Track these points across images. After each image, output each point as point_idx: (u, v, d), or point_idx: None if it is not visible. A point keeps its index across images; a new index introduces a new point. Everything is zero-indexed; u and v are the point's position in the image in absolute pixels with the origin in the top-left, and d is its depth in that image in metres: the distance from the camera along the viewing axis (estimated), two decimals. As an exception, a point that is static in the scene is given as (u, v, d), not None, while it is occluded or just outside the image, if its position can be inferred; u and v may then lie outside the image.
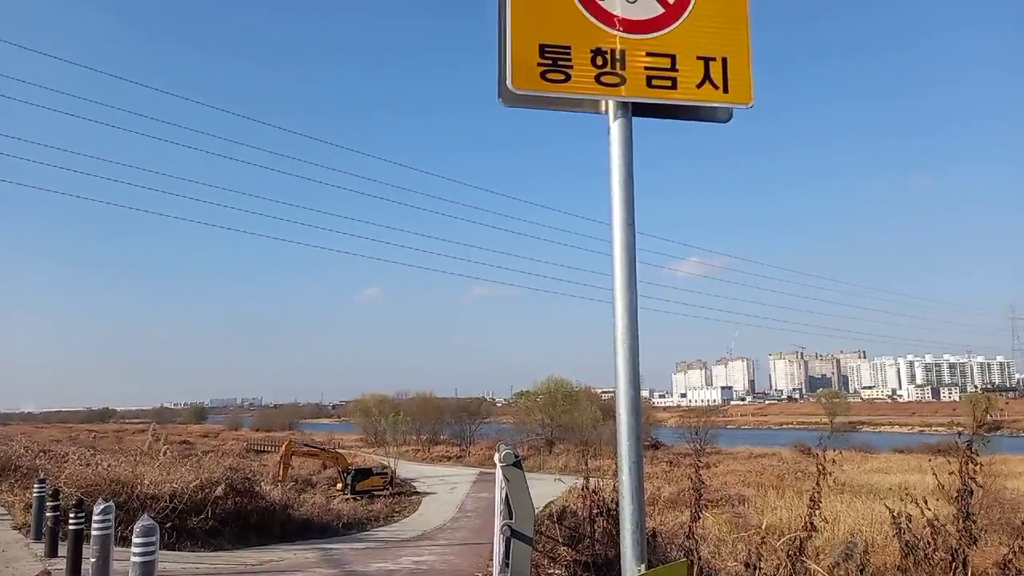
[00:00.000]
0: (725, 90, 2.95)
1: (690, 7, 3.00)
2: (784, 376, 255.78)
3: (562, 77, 2.83)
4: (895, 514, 5.12)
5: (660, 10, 2.97)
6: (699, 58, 2.95)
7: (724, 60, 2.97)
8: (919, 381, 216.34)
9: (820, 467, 5.54)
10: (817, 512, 5.30)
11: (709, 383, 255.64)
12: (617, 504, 2.97)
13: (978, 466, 4.85)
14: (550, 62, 2.83)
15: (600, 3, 2.92)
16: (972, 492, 4.78)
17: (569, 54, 2.85)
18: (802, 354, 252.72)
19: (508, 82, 2.79)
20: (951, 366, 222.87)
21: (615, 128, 2.88)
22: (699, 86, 2.94)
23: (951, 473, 4.83)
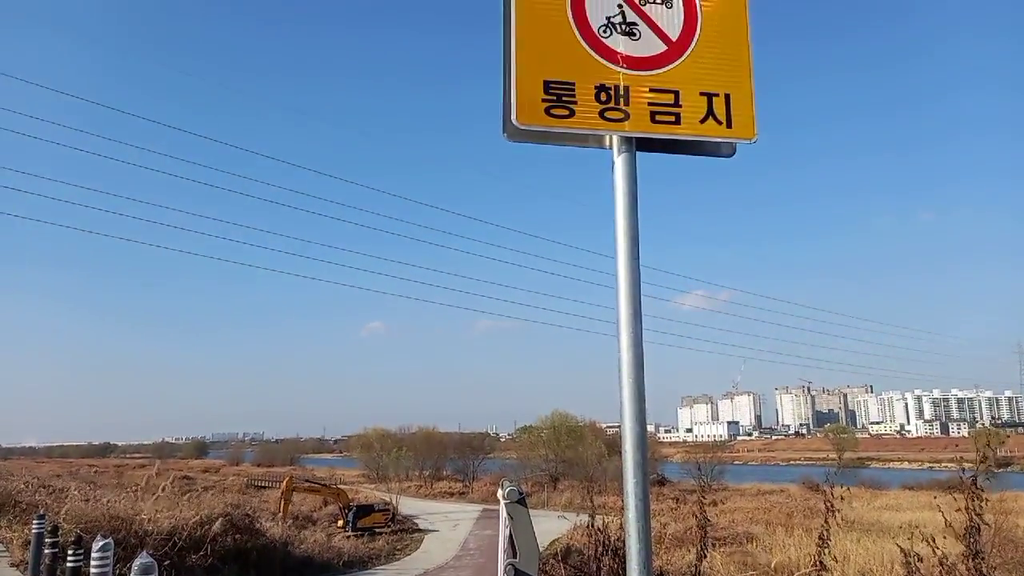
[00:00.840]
0: (728, 125, 2.97)
1: (692, 45, 3.03)
2: (791, 411, 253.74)
3: (566, 113, 2.85)
4: (906, 553, 5.03)
5: (663, 47, 3.00)
6: (702, 94, 2.97)
7: (727, 96, 2.99)
8: (927, 416, 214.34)
9: (829, 504, 5.46)
10: (826, 550, 5.21)
11: (715, 418, 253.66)
12: (623, 543, 2.92)
13: (984, 502, 4.78)
14: (554, 98, 2.85)
15: (604, 41, 2.95)
16: (980, 529, 4.70)
17: (573, 90, 2.87)
18: (809, 388, 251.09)
19: (513, 117, 2.81)
20: (959, 401, 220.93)
21: (619, 163, 2.89)
22: (702, 121, 2.95)
23: (958, 510, 4.75)
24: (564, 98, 2.86)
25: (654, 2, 3.02)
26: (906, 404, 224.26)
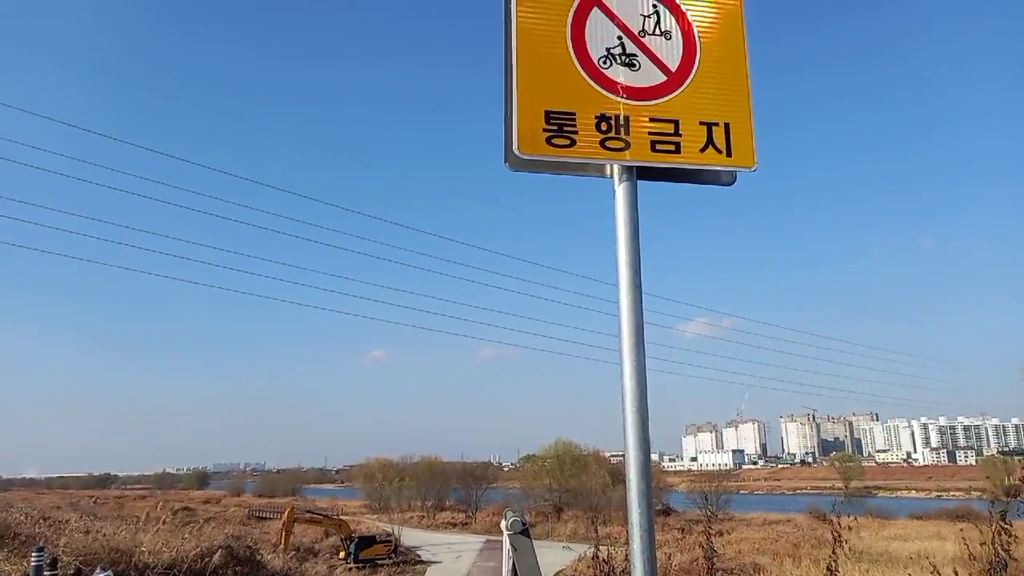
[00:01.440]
0: (728, 154, 2.99)
1: (692, 75, 3.06)
2: (796, 439, 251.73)
3: (567, 142, 2.87)
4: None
5: (663, 78, 3.04)
6: (702, 123, 3.00)
7: (726, 125, 3.02)
8: (934, 444, 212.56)
9: (836, 534, 5.39)
10: (835, 582, 5.12)
11: (720, 446, 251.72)
12: (628, 574, 2.88)
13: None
14: (555, 128, 2.88)
15: (604, 71, 2.99)
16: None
17: (574, 120, 2.90)
18: (814, 416, 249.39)
19: (514, 147, 2.84)
20: (965, 429, 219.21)
21: (620, 191, 2.91)
22: (702, 150, 2.98)
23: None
24: (565, 128, 2.88)
25: (653, 34, 3.07)
26: (912, 432, 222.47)
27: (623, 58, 3.01)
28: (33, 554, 11.43)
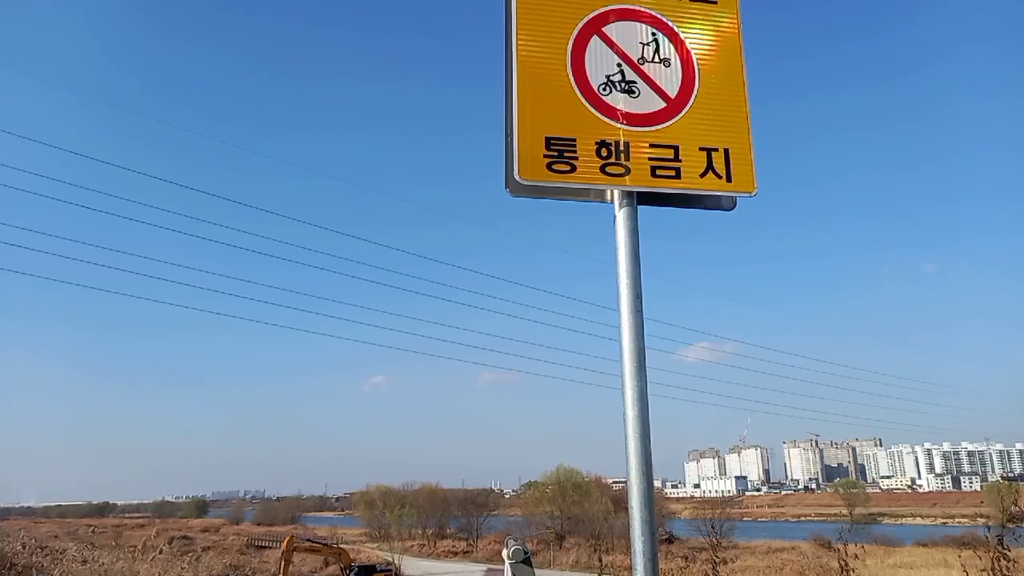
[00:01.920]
0: (728, 179, 3.01)
1: (691, 101, 3.09)
2: (799, 465, 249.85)
3: (568, 168, 2.89)
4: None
5: (662, 104, 3.06)
6: (701, 149, 3.02)
7: (726, 151, 3.04)
8: (938, 470, 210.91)
9: (842, 562, 5.33)
10: (842, 611, 5.05)
11: (723, 472, 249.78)
12: (632, 604, 2.83)
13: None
14: (556, 154, 2.90)
15: (603, 98, 3.01)
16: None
17: (574, 146, 2.92)
18: (817, 442, 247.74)
19: (515, 173, 2.85)
20: (969, 454, 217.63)
21: (621, 216, 2.92)
22: (702, 176, 3.00)
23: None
24: (565, 154, 2.90)
25: (653, 61, 3.10)
26: (916, 457, 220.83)
27: (623, 85, 3.04)
28: (29, 584, 11.31)
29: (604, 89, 3.02)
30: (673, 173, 2.96)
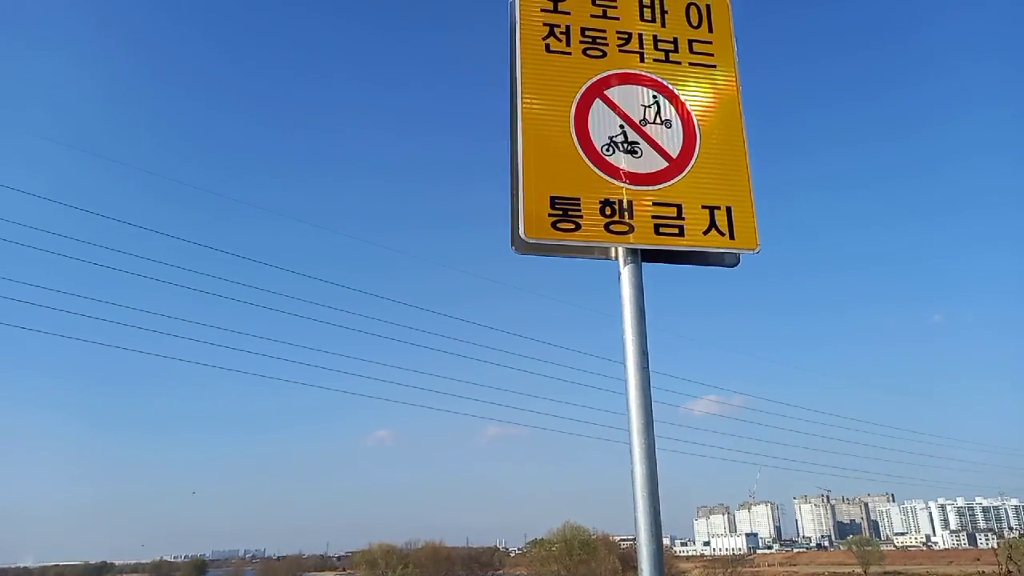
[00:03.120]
0: (731, 236, 3.06)
1: (693, 160, 3.17)
2: (811, 521, 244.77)
3: (572, 226, 2.95)
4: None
5: (664, 164, 3.13)
6: (704, 207, 3.09)
7: (728, 208, 3.10)
8: (953, 526, 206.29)
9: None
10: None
11: (733, 529, 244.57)
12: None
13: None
14: (561, 212, 2.96)
15: (607, 158, 3.09)
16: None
17: (579, 205, 2.98)
18: (828, 497, 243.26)
19: (521, 231, 2.91)
20: (984, 510, 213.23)
21: (625, 273, 2.96)
22: (705, 233, 3.05)
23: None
24: (570, 212, 2.96)
25: (654, 123, 3.19)
26: (930, 513, 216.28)
27: (625, 146, 3.13)
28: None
29: (607, 150, 3.10)
30: (676, 231, 3.02)
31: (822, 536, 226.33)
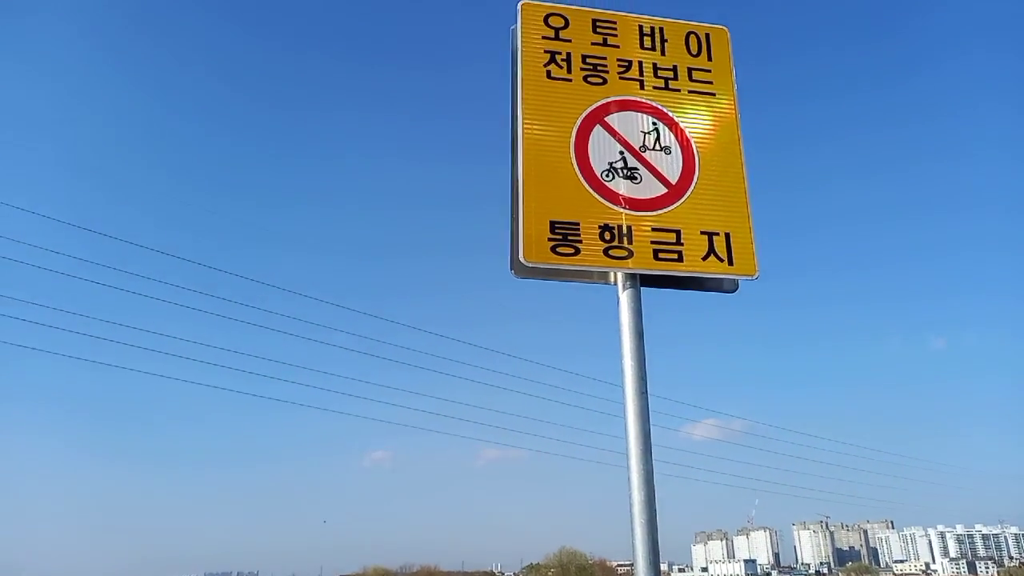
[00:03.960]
0: (730, 263, 3.08)
1: (692, 187, 3.19)
2: (810, 547, 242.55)
3: (572, 251, 2.96)
4: None
5: (663, 190, 3.16)
6: (703, 233, 3.11)
7: (727, 235, 3.13)
8: (952, 554, 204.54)
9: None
10: None
11: (731, 555, 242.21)
12: None
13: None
14: (560, 237, 2.97)
15: (606, 184, 3.12)
16: None
17: (578, 230, 3.00)
18: (827, 524, 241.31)
19: (520, 255, 2.93)
20: (984, 537, 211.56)
21: (624, 298, 2.97)
22: (704, 259, 3.07)
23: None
24: (569, 237, 2.98)
25: (654, 149, 3.22)
26: (929, 541, 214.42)
27: (624, 171, 3.16)
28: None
29: (607, 175, 3.13)
30: (675, 256, 3.04)
31: (821, 563, 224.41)
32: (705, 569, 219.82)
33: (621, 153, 3.18)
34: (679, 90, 3.37)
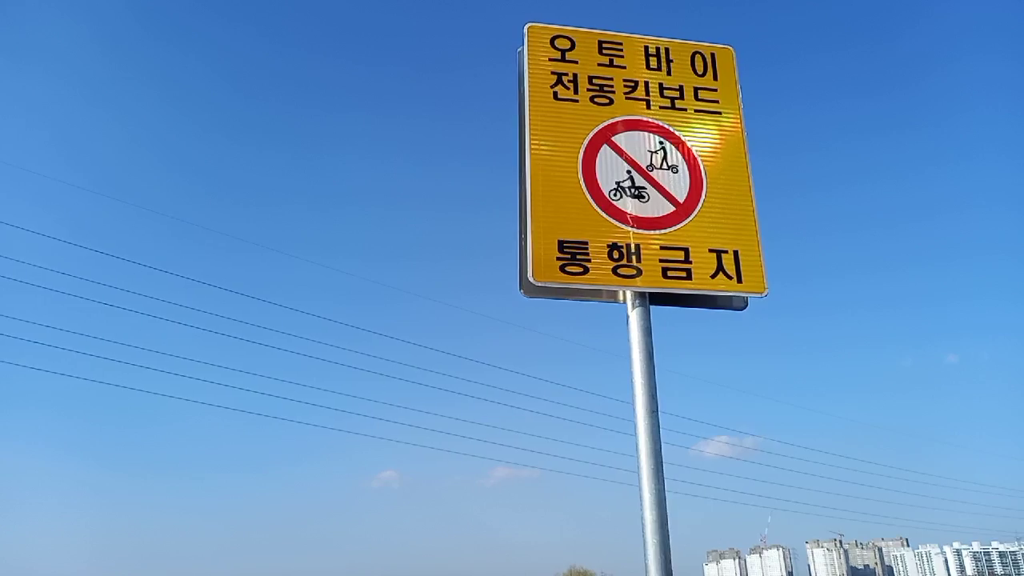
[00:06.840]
0: (739, 280, 3.08)
1: (699, 205, 3.20)
2: (823, 566, 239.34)
3: (580, 270, 2.97)
4: None
5: (671, 208, 3.17)
6: (711, 251, 3.11)
7: (735, 252, 3.13)
8: (969, 572, 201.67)
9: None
10: None
11: (744, 574, 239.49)
12: None
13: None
14: (569, 256, 2.98)
15: (614, 203, 3.13)
16: None
17: (587, 249, 3.01)
18: (841, 542, 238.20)
19: (529, 275, 2.94)
20: (1001, 555, 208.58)
21: (634, 317, 2.97)
22: (713, 276, 3.07)
23: None
24: (578, 256, 2.99)
25: (661, 168, 3.24)
26: (945, 559, 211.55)
27: (632, 191, 3.17)
28: None
29: (615, 194, 3.14)
30: (684, 274, 3.04)
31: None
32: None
33: (628, 172, 3.20)
34: (685, 109, 3.39)
